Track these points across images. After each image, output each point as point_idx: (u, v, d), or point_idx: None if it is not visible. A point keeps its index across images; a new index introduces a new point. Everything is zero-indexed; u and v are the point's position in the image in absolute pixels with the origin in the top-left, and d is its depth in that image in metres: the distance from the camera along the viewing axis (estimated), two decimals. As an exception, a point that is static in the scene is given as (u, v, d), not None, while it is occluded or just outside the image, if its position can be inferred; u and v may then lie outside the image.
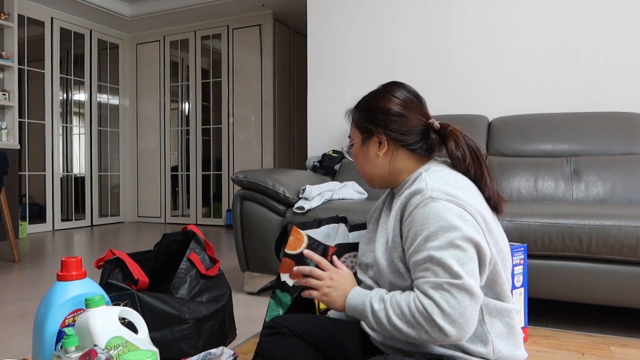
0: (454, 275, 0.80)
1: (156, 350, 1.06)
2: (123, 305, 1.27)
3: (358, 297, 0.93)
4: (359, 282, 1.05)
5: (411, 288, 0.89)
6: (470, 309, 0.80)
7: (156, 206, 5.75)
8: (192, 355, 1.22)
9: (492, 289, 0.90)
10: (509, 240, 1.70)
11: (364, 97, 1.08)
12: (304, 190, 2.22)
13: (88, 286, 1.13)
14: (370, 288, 0.99)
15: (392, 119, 0.99)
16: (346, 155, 1.13)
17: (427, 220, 0.84)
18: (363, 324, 0.96)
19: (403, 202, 0.92)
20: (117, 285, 1.34)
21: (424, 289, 0.82)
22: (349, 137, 1.10)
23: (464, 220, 0.84)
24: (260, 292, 2.33)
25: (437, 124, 1.00)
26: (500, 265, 0.90)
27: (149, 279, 1.40)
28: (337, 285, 0.97)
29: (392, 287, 0.94)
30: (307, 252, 1.02)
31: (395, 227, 0.93)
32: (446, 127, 1.00)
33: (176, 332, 1.35)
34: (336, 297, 0.96)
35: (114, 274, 1.37)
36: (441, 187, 0.88)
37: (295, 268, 1.00)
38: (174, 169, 5.73)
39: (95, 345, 0.95)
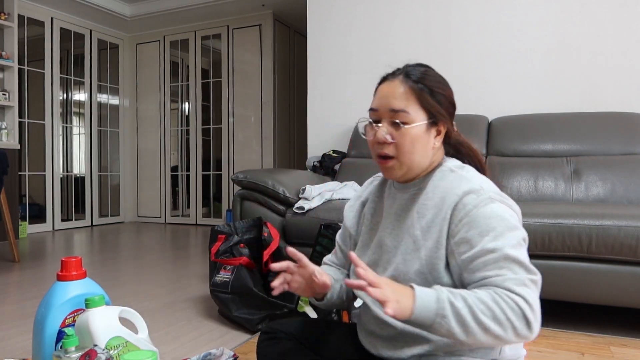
0: (531, 271, 0.79)
1: (156, 350, 1.06)
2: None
3: (428, 296, 0.77)
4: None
5: None
6: (539, 303, 0.79)
7: (156, 206, 5.75)
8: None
9: None
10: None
11: (430, 75, 0.92)
12: (304, 190, 2.22)
13: (88, 286, 1.13)
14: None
15: (452, 111, 0.95)
16: (383, 130, 0.89)
17: (490, 220, 0.82)
18: (434, 327, 0.78)
19: (453, 200, 0.85)
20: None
21: (507, 286, 0.77)
22: (398, 111, 0.89)
23: (518, 221, 0.85)
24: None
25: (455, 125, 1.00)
26: None
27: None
28: (397, 288, 0.78)
29: None
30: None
31: (442, 228, 0.85)
32: (460, 135, 0.98)
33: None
34: (405, 301, 0.76)
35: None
36: (493, 188, 0.87)
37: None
38: (174, 169, 5.73)
39: (96, 345, 0.95)
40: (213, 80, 5.51)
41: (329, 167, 2.93)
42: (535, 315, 0.76)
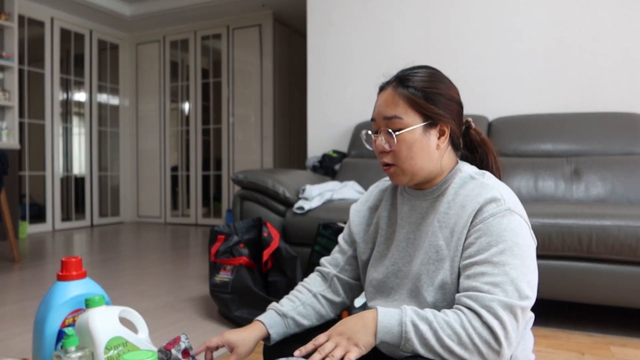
0: (524, 297, 0.76)
1: (156, 350, 1.06)
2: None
3: (391, 317, 0.78)
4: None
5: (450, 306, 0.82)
6: (517, 330, 0.77)
7: (156, 206, 5.75)
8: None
9: None
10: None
11: (418, 74, 0.89)
12: (304, 190, 2.22)
13: (88, 286, 1.12)
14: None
15: (457, 109, 0.92)
16: (380, 139, 0.89)
17: (504, 233, 0.80)
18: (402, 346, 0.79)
19: (474, 207, 0.83)
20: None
21: (491, 306, 0.75)
22: (390, 117, 0.88)
23: (530, 235, 0.84)
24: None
25: (472, 123, 0.98)
26: None
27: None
28: (349, 325, 0.80)
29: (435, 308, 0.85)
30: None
31: (461, 237, 0.84)
32: (480, 132, 0.98)
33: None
34: (360, 332, 0.78)
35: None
36: (513, 199, 0.85)
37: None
38: (174, 169, 5.73)
39: (183, 334, 0.99)
40: (213, 80, 5.51)
41: (329, 167, 2.93)
42: (509, 341, 0.75)
